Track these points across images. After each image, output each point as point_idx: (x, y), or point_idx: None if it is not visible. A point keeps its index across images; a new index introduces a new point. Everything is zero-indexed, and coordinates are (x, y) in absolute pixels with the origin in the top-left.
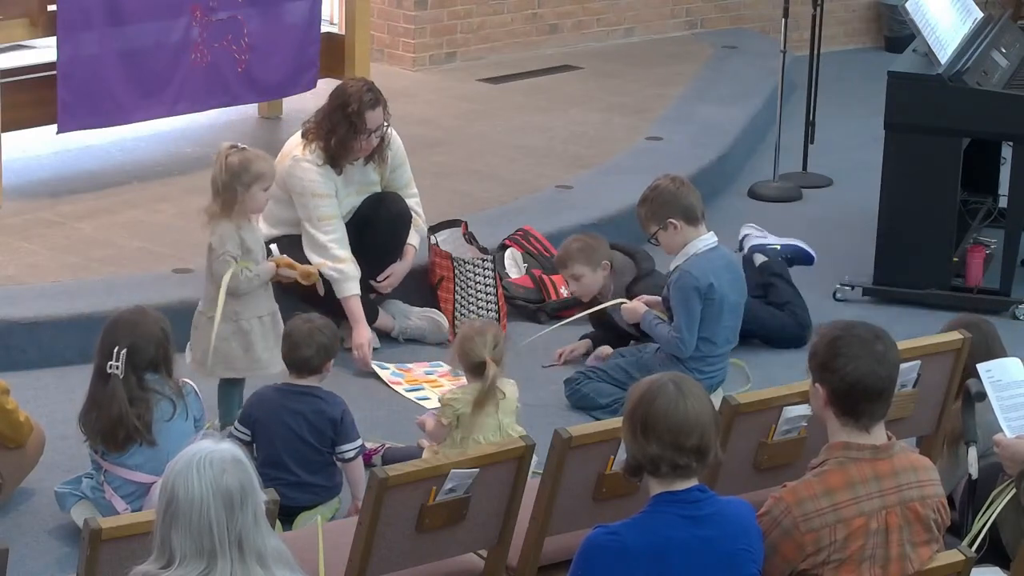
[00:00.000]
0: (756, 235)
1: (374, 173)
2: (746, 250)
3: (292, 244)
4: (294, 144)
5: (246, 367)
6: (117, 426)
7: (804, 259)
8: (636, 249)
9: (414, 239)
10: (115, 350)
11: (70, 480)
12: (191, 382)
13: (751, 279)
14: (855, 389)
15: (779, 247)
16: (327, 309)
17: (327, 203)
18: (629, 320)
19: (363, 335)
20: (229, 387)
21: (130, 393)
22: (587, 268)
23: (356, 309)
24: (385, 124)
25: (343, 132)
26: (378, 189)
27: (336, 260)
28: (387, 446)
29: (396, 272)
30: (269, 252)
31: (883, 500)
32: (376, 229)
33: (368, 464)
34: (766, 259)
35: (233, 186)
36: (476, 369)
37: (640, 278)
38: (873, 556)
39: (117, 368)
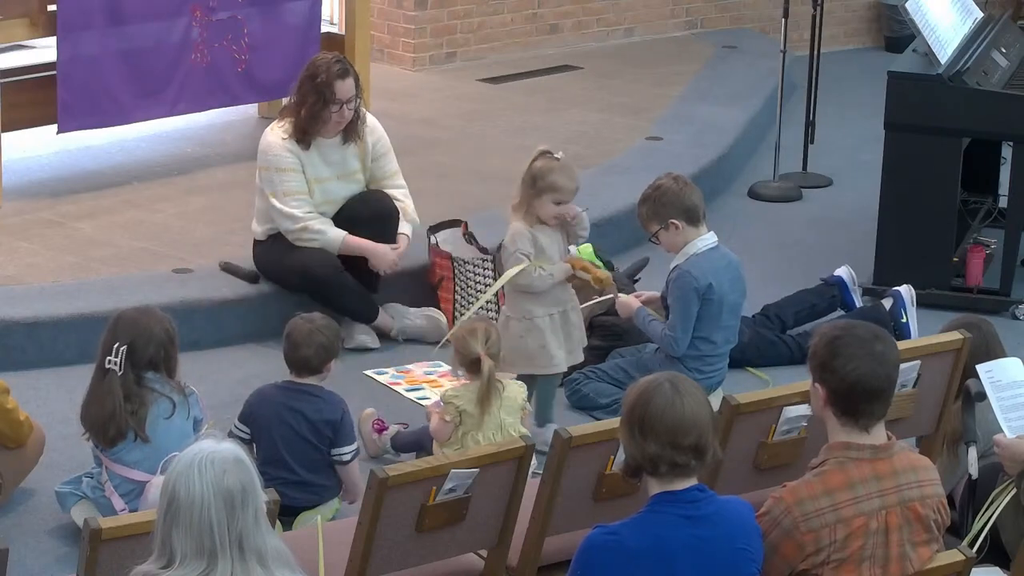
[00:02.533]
0: (910, 298)
1: (355, 160)
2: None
3: (279, 239)
4: (272, 123)
5: (544, 364)
6: (108, 421)
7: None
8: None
9: (405, 228)
10: (115, 346)
11: (70, 480)
12: (191, 386)
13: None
14: (854, 389)
15: (904, 321)
16: (324, 304)
17: (292, 178)
18: (622, 315)
19: (382, 253)
20: (541, 383)
21: (126, 390)
22: None
23: (358, 242)
24: (357, 98)
25: (312, 103)
26: (360, 177)
27: (312, 230)
28: (399, 431)
29: (400, 248)
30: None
31: (883, 500)
32: (363, 228)
33: (379, 433)
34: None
35: (528, 188)
36: (472, 366)
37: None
38: (873, 556)
39: (115, 364)
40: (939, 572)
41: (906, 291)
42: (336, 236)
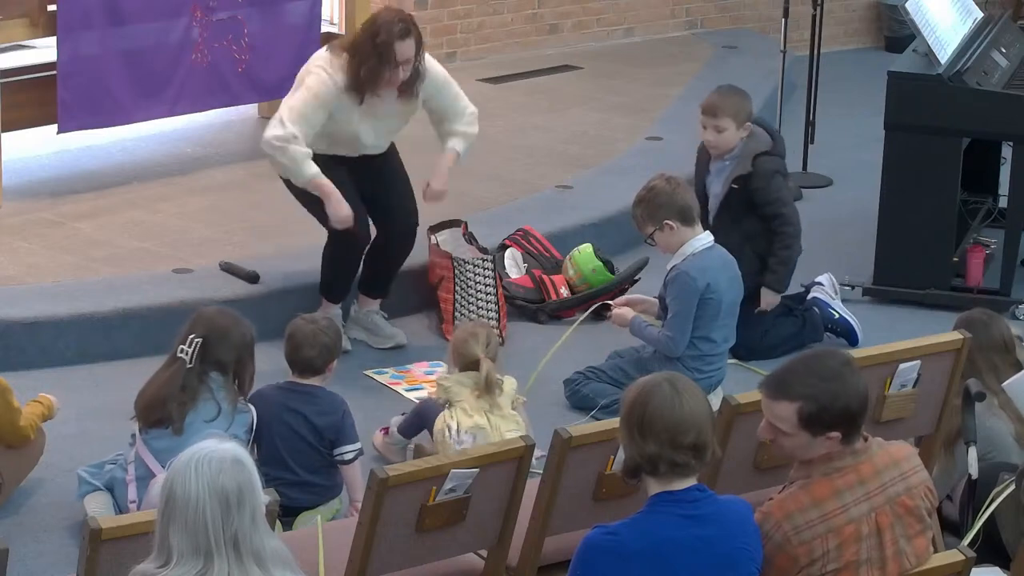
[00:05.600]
0: (826, 293)
1: (395, 109)
2: (809, 296)
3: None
4: (320, 54)
5: None
6: (158, 405)
7: (849, 338)
8: (773, 131)
9: (459, 145)
10: (191, 337)
11: (95, 464)
12: (250, 405)
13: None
14: (849, 411)
15: (837, 316)
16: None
17: (316, 109)
18: (618, 325)
19: (342, 210)
20: None
21: (185, 380)
22: (733, 124)
23: (326, 186)
24: (417, 56)
25: (372, 63)
26: (393, 123)
27: (289, 154)
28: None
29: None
30: None
31: (870, 503)
32: (382, 242)
33: (386, 433)
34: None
35: None
36: (470, 367)
37: (767, 153)
38: (869, 559)
39: (187, 354)
40: (939, 572)
41: (827, 281)
42: (308, 172)
